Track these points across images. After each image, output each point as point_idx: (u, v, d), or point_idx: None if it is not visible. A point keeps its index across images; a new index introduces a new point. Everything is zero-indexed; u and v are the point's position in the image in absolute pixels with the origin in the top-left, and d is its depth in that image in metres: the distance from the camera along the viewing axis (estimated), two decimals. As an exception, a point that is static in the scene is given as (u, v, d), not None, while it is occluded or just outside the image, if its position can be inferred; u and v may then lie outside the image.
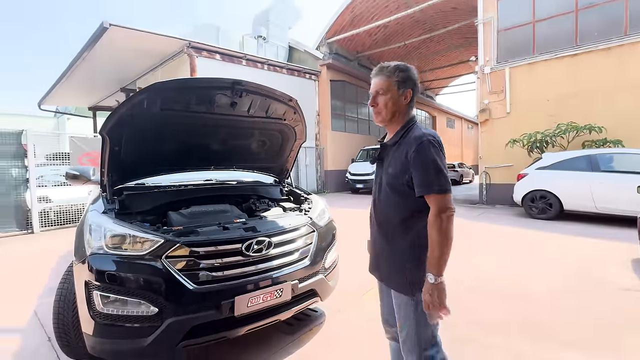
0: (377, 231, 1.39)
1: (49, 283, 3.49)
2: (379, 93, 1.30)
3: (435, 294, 1.15)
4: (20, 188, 6.14)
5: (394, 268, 1.32)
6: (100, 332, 1.62)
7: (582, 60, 7.96)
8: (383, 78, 1.30)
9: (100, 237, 1.73)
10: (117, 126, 1.95)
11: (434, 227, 1.16)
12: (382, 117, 1.33)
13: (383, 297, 1.52)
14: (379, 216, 1.37)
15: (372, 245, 1.45)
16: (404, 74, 1.28)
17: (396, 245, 1.30)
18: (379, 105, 1.31)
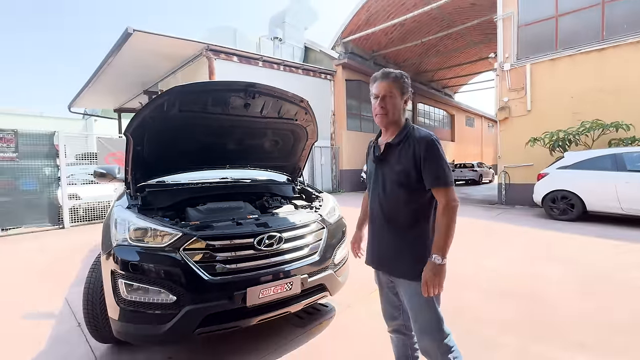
0: (385, 226, 1.43)
1: (79, 273, 3.74)
2: (387, 96, 1.39)
3: (439, 274, 1.26)
4: (52, 186, 6.56)
5: (408, 259, 1.37)
6: (124, 317, 1.76)
7: (609, 54, 7.63)
8: (390, 82, 1.38)
9: (124, 230, 1.88)
10: (140, 127, 2.09)
11: (444, 215, 1.28)
12: (388, 119, 1.41)
13: (384, 291, 1.57)
14: (388, 212, 1.41)
15: (377, 241, 1.49)
16: (406, 81, 1.41)
17: (408, 238, 1.39)
18: (386, 107, 1.39)
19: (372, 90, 1.44)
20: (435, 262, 1.26)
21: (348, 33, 13.94)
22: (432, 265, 1.27)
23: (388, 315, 1.60)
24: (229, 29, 13.37)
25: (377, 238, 1.49)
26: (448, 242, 1.28)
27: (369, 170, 1.55)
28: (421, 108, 20.69)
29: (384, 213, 1.43)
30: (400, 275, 1.40)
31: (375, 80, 1.43)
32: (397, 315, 1.57)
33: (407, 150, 1.36)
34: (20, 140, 6.11)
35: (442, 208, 1.29)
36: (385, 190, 1.42)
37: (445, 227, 1.27)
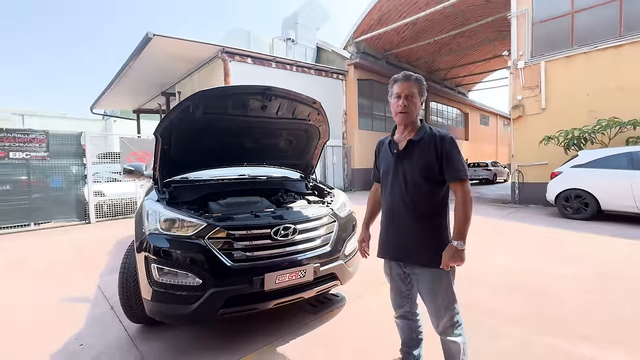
0: (409, 218, 1.52)
1: (108, 263, 4.03)
2: (410, 95, 1.50)
3: (460, 256, 1.43)
4: (79, 183, 6.96)
5: (433, 248, 1.48)
6: (156, 298, 1.97)
7: (627, 51, 7.48)
8: (412, 83, 1.51)
9: (155, 220, 2.09)
10: (168, 128, 2.31)
11: (465, 205, 1.43)
12: (410, 117, 1.52)
13: (395, 282, 1.68)
14: (411, 204, 1.50)
15: (398, 233, 1.56)
16: (423, 85, 1.55)
17: (431, 228, 1.50)
18: (409, 106, 1.50)
19: (394, 90, 1.54)
20: (457, 247, 1.42)
21: (360, 33, 14.02)
22: (454, 249, 1.43)
23: (396, 304, 1.72)
24: (243, 32, 13.68)
25: (398, 231, 1.56)
26: (467, 229, 1.44)
27: (385, 167, 1.62)
28: (434, 107, 20.53)
29: (407, 206, 1.51)
30: (426, 263, 1.50)
31: (396, 81, 1.54)
32: (404, 303, 1.70)
33: (428, 146, 1.47)
34: (51, 141, 6.52)
35: (462, 198, 1.44)
36: (407, 184, 1.51)
37: (465, 216, 1.42)
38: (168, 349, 2.13)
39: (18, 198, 6.23)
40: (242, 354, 2.06)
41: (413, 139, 1.51)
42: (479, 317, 2.48)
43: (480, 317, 2.47)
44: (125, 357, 2.06)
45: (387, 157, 1.62)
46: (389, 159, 1.60)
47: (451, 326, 1.52)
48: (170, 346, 2.16)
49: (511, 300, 2.79)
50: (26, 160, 6.26)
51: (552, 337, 2.19)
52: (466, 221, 1.43)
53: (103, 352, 2.12)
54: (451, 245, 1.45)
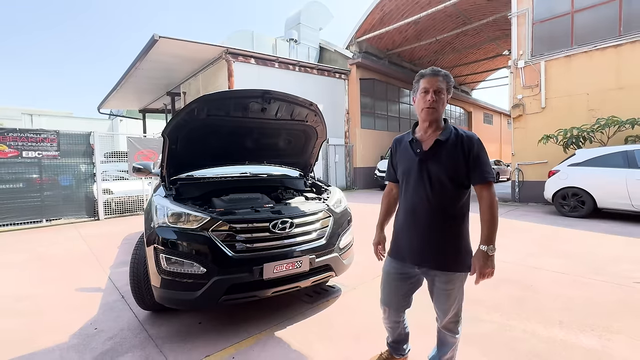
0: (434, 222, 1.44)
1: (118, 257, 4.25)
2: (439, 91, 1.42)
3: (492, 263, 1.40)
4: (88, 181, 7.21)
5: (457, 252, 1.46)
6: (164, 285, 2.16)
7: (627, 50, 7.53)
8: (441, 80, 1.43)
9: (163, 214, 2.27)
10: (175, 129, 2.49)
11: (492, 208, 1.39)
12: (438, 114, 1.44)
13: (400, 284, 1.60)
14: (437, 207, 1.43)
15: (421, 236, 1.48)
16: (452, 82, 1.48)
17: (456, 231, 1.46)
18: (437, 102, 1.42)
19: (420, 85, 1.46)
20: (488, 253, 1.38)
21: (362, 33, 14.13)
22: (486, 255, 1.38)
23: (395, 307, 1.65)
24: (246, 32, 13.86)
25: (422, 233, 1.48)
26: (495, 233, 1.40)
27: (406, 167, 1.53)
28: (437, 105, 20.56)
29: (433, 208, 1.44)
30: (443, 268, 1.46)
31: (423, 76, 1.46)
32: (401, 303, 1.64)
33: (455, 147, 1.41)
34: (61, 140, 6.76)
35: (490, 202, 1.39)
36: (433, 185, 1.43)
37: (494, 220, 1.38)
38: (175, 332, 2.32)
39: (31, 195, 6.49)
40: (243, 337, 2.24)
41: (440, 139, 1.43)
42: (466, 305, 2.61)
43: (467, 305, 2.60)
44: (135, 339, 2.25)
45: (409, 157, 1.52)
46: (411, 159, 1.50)
47: (455, 323, 1.56)
48: (177, 329, 2.35)
49: (498, 291, 2.94)
50: (38, 159, 6.52)
51: (530, 323, 2.34)
52: (494, 225, 1.39)
53: (116, 334, 2.31)
54: (481, 251, 1.39)
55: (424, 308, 1.98)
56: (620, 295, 2.81)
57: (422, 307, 2.07)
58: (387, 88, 15.69)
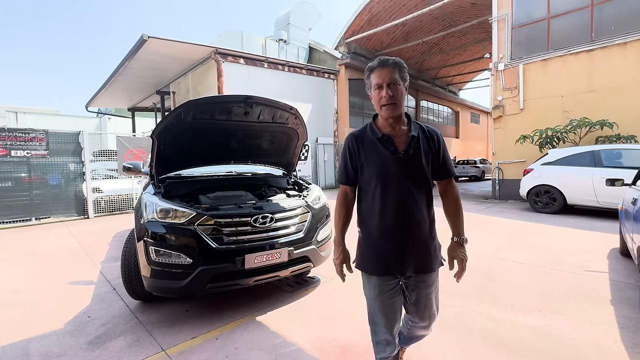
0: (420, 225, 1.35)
1: (108, 253, 4.40)
2: (392, 83, 1.28)
3: (465, 254, 1.45)
4: (77, 180, 7.29)
5: (435, 251, 1.43)
6: (154, 275, 2.36)
7: (598, 55, 7.94)
8: (392, 70, 1.28)
9: (152, 210, 2.47)
10: (163, 131, 2.68)
11: (459, 201, 1.44)
12: (399, 109, 1.31)
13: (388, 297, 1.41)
14: (422, 207, 1.35)
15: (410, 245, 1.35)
16: (405, 68, 1.34)
17: (431, 230, 1.42)
18: (394, 96, 1.28)
19: (372, 81, 1.31)
20: (464, 243, 1.43)
21: (351, 33, 14.38)
22: (461, 246, 1.43)
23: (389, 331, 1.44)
24: (236, 32, 13.95)
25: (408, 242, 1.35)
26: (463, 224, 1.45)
27: (379, 168, 1.34)
28: (425, 105, 20.97)
29: (419, 211, 1.34)
30: (432, 269, 1.42)
31: (372, 70, 1.31)
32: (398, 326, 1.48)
33: (425, 143, 1.36)
34: (50, 139, 6.83)
35: (456, 195, 1.43)
36: (416, 184, 1.34)
37: (461, 212, 1.43)
38: (164, 318, 2.52)
39: (20, 194, 6.55)
40: (227, 322, 2.46)
41: (415, 135, 1.34)
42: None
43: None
44: (127, 325, 2.44)
45: (383, 157, 1.33)
46: (386, 158, 1.33)
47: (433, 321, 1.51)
48: (166, 316, 2.56)
49: (463, 280, 3.20)
50: (27, 158, 6.58)
51: (486, 307, 2.62)
52: (462, 216, 1.45)
53: (108, 321, 2.50)
54: (457, 243, 1.43)
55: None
56: (570, 282, 3.12)
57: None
58: (376, 88, 15.97)
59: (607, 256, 3.86)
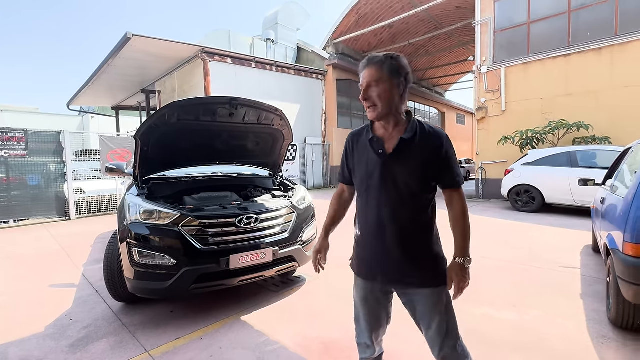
0: (402, 234, 1.24)
1: (91, 255, 4.33)
2: (371, 85, 1.19)
3: (468, 275, 1.25)
4: (58, 181, 7.10)
5: (429, 266, 1.27)
6: (137, 276, 2.35)
7: (575, 60, 8.26)
8: (375, 68, 1.18)
9: (136, 212, 2.46)
10: (146, 133, 2.67)
11: (465, 216, 1.25)
12: (378, 112, 1.21)
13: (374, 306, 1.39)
14: (404, 217, 1.24)
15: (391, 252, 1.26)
16: (396, 62, 1.19)
17: (425, 243, 1.27)
18: (372, 98, 1.19)
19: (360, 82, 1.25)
20: (465, 265, 1.23)
21: (338, 34, 14.46)
22: (461, 267, 1.23)
23: (372, 332, 1.42)
24: (223, 32, 13.83)
25: (389, 249, 1.26)
26: (469, 242, 1.26)
27: (366, 170, 1.29)
28: (411, 106, 21.27)
29: (400, 218, 1.24)
30: (423, 284, 1.26)
31: (359, 71, 1.25)
32: (380, 331, 1.45)
33: (423, 146, 1.21)
34: (30, 139, 6.64)
35: (462, 208, 1.25)
36: (399, 192, 1.23)
37: (467, 229, 1.25)
38: (148, 320, 2.51)
39: (-3, 195, 6.34)
40: (212, 322, 2.48)
41: (405, 138, 1.22)
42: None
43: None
44: (110, 327, 2.43)
45: (369, 158, 1.29)
46: (373, 161, 1.27)
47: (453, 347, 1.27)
48: (150, 318, 2.55)
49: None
50: (5, 158, 6.37)
51: (466, 304, 2.70)
52: (468, 234, 1.26)
53: (91, 324, 2.48)
54: (457, 263, 1.24)
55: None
56: (546, 278, 3.26)
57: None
58: (364, 89, 16.12)
59: (581, 253, 4.04)
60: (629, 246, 2.02)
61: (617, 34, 7.70)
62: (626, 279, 1.99)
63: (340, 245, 2.09)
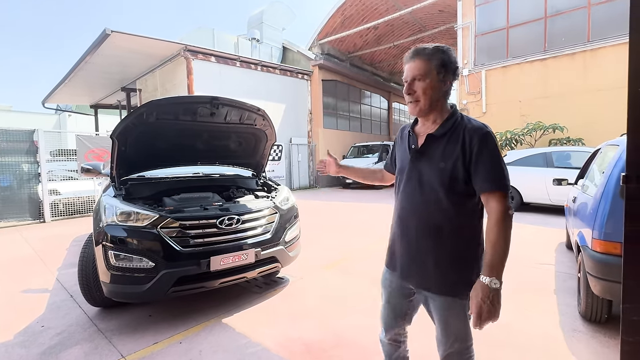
0: (421, 233, 1.19)
1: (66, 259, 4.16)
2: (416, 79, 1.13)
3: (497, 301, 1.05)
4: (32, 182, 6.80)
5: (450, 274, 1.17)
6: (113, 280, 2.28)
7: (550, 64, 8.59)
8: (421, 61, 1.12)
9: (112, 213, 2.39)
10: (123, 132, 2.60)
11: (502, 228, 1.06)
12: (420, 107, 1.16)
13: (393, 299, 1.37)
14: (424, 219, 1.18)
15: (408, 249, 1.24)
16: (445, 57, 1.12)
17: (450, 249, 1.16)
18: (416, 93, 1.14)
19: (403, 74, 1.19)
20: (490, 286, 1.04)
21: (324, 35, 14.50)
22: (487, 289, 1.04)
23: (389, 324, 1.40)
24: (207, 30, 13.62)
25: (408, 247, 1.24)
26: (505, 260, 1.06)
27: (400, 164, 1.30)
28: (396, 107, 21.55)
29: (420, 219, 1.19)
30: (440, 292, 1.18)
31: (405, 62, 1.18)
32: (400, 323, 1.39)
33: (454, 143, 1.12)
34: (0, 137, 6.33)
35: (498, 218, 1.06)
36: (422, 190, 1.18)
37: (503, 243, 1.06)
38: (125, 325, 2.44)
39: (-36, 197, 6.02)
40: (192, 325, 2.43)
41: (434, 134, 1.16)
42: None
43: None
44: (84, 333, 2.35)
45: (404, 153, 1.27)
46: (405, 156, 1.25)
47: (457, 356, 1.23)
48: (127, 322, 2.48)
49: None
50: (-28, 158, 6.06)
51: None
52: (504, 250, 1.06)
53: (64, 330, 2.39)
54: (481, 282, 1.05)
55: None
56: (523, 275, 3.37)
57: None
58: (349, 89, 16.23)
59: (555, 250, 4.20)
60: (597, 243, 2.11)
61: (590, 40, 8.05)
62: (594, 274, 2.08)
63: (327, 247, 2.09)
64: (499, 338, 2.18)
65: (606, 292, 2.03)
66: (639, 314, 1.07)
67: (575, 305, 2.63)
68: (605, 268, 2.02)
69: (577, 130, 8.04)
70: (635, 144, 1.01)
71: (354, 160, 13.04)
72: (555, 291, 2.94)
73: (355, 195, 10.77)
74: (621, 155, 2.23)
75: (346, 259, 3.91)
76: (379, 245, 4.43)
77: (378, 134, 18.77)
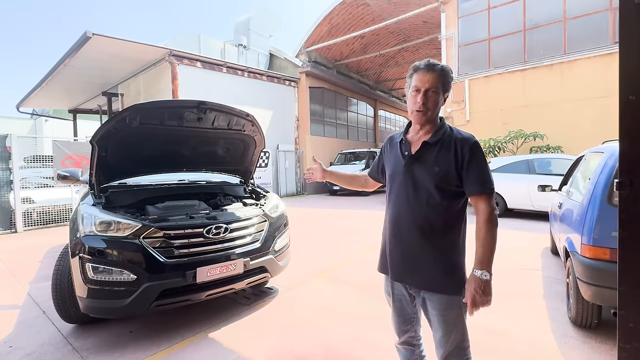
0: (415, 234, 1.28)
1: (38, 272, 3.91)
2: (430, 90, 1.24)
3: (488, 291, 1.20)
4: (4, 189, 6.43)
5: (443, 271, 1.27)
6: (91, 294, 2.13)
7: (530, 74, 8.92)
8: (435, 76, 1.24)
9: (91, 223, 2.25)
10: (104, 137, 2.47)
11: (489, 226, 1.21)
12: (427, 117, 1.27)
13: (397, 303, 1.44)
14: (419, 218, 1.27)
15: (402, 250, 1.33)
16: (449, 77, 1.28)
17: (442, 248, 1.27)
18: (428, 103, 1.25)
19: (412, 82, 1.28)
20: (482, 279, 1.19)
21: (311, 43, 14.60)
22: (480, 281, 1.19)
23: (399, 329, 1.47)
24: (192, 35, 13.46)
25: (403, 249, 1.32)
26: (493, 254, 1.22)
27: (392, 170, 1.38)
28: (382, 114, 21.86)
29: (415, 220, 1.28)
30: (435, 289, 1.28)
31: (416, 70, 1.27)
32: (409, 328, 1.45)
33: (446, 151, 1.24)
34: (-31, 143, 5.96)
35: (487, 218, 1.20)
36: (417, 194, 1.28)
37: (491, 239, 1.21)
38: (103, 343, 2.28)
39: None
40: (177, 341, 2.30)
41: (428, 141, 1.27)
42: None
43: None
44: (58, 353, 2.17)
45: (396, 159, 1.37)
46: (398, 162, 1.35)
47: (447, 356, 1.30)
48: (105, 340, 2.32)
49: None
50: (-63, 164, 5.67)
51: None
52: (492, 246, 1.21)
53: (35, 350, 2.21)
54: (474, 276, 1.21)
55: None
56: (510, 280, 3.39)
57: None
58: (336, 97, 16.34)
59: (541, 255, 4.27)
60: (586, 248, 2.13)
61: (566, 52, 8.42)
62: (585, 279, 2.10)
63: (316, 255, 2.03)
64: (492, 344, 2.16)
65: (596, 297, 2.05)
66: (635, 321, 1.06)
67: (564, 310, 2.65)
68: (595, 273, 2.04)
69: (555, 138, 8.33)
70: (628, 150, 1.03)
71: (341, 167, 13.06)
72: (544, 296, 2.96)
73: (342, 202, 10.75)
74: (607, 161, 2.29)
75: (336, 267, 3.85)
76: (368, 252, 4.38)
77: (364, 140, 18.93)
